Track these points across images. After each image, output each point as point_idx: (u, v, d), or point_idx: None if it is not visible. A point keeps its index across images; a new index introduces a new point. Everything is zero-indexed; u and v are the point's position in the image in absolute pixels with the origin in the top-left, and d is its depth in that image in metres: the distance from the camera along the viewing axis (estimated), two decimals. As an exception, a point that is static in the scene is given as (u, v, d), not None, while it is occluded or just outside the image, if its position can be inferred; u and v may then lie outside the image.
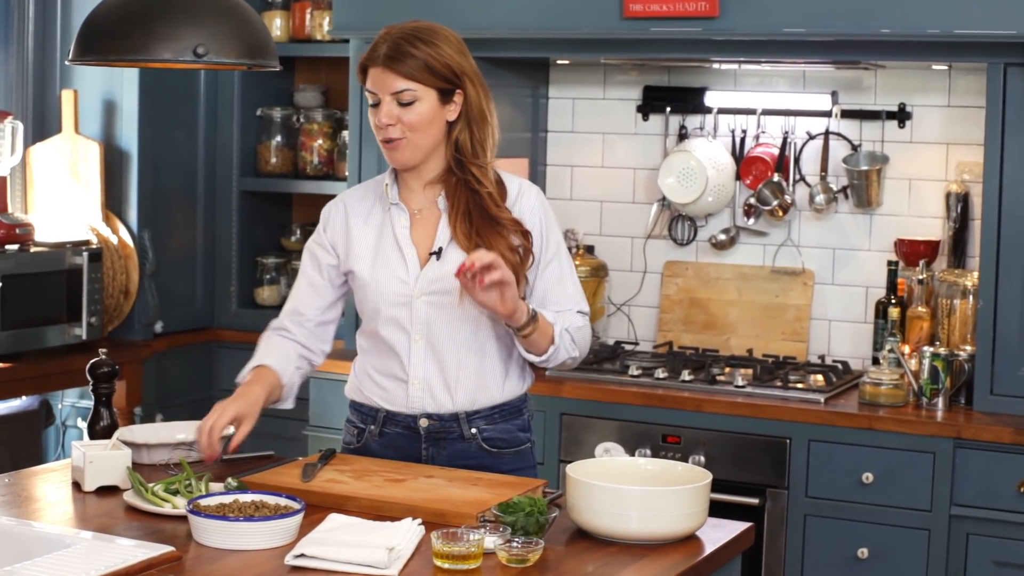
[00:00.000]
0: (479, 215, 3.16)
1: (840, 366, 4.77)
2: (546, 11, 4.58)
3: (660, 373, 4.62)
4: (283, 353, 3.31)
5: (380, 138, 3.16)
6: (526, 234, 3.20)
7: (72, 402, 5.50)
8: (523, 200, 3.24)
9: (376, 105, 3.14)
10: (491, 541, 2.62)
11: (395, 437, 3.26)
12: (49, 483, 3.15)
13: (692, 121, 5.12)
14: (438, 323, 3.19)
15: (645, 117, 5.21)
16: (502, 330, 3.22)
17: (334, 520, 2.77)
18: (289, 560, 2.56)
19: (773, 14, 4.32)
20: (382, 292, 3.20)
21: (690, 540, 2.82)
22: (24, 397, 5.21)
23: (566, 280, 3.26)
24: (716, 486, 2.96)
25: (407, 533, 2.67)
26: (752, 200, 4.99)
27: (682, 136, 5.12)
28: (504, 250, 3.14)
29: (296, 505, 2.75)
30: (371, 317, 3.25)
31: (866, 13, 4.23)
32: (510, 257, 3.14)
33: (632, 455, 4.43)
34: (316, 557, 2.55)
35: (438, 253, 3.18)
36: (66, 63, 3.27)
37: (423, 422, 3.22)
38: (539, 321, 3.13)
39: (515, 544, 2.61)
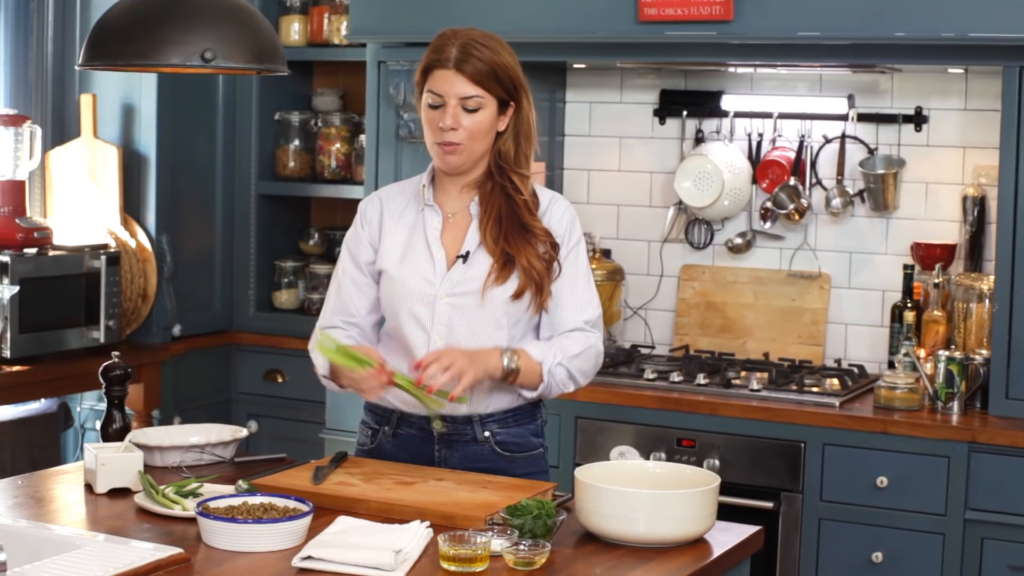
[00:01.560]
0: (510, 221, 3.19)
1: (856, 370, 4.77)
2: (561, 15, 4.59)
3: (675, 377, 4.62)
4: (350, 336, 3.30)
5: (436, 140, 3.17)
6: (555, 246, 3.22)
7: (91, 405, 5.53)
8: (553, 210, 3.26)
9: (436, 107, 3.15)
10: (498, 544, 2.63)
11: (408, 438, 3.27)
12: (62, 485, 3.17)
13: (708, 125, 5.13)
14: (459, 325, 3.19)
15: (662, 121, 5.21)
16: (520, 335, 3.23)
17: (342, 523, 2.78)
18: (296, 562, 2.57)
19: (787, 18, 4.32)
20: (407, 290, 3.22)
21: (698, 543, 2.82)
22: (43, 400, 5.24)
23: (580, 287, 3.25)
24: (731, 490, 2.97)
25: (414, 535, 2.67)
26: (768, 204, 4.98)
27: (698, 140, 5.12)
28: (532, 258, 3.17)
29: (304, 507, 2.76)
30: (393, 315, 3.27)
31: (881, 16, 4.23)
32: (537, 265, 3.17)
33: (647, 459, 4.43)
34: (323, 559, 2.56)
35: (465, 256, 3.20)
36: (75, 68, 3.29)
37: (436, 424, 3.22)
38: (522, 368, 3.15)
39: (522, 547, 2.62)
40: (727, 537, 2.88)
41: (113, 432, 3.33)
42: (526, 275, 3.17)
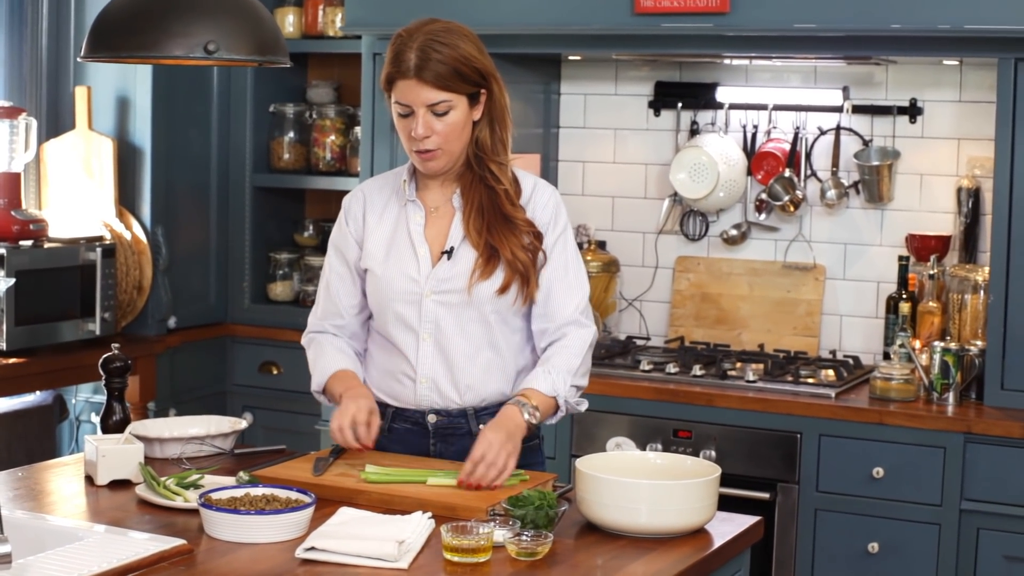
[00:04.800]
0: (492, 212, 3.17)
1: (851, 361, 4.78)
2: (557, 7, 4.59)
3: (671, 368, 4.63)
4: (345, 354, 3.31)
5: (413, 148, 3.13)
6: (538, 235, 3.20)
7: (86, 397, 5.53)
8: (536, 197, 3.24)
9: (406, 116, 3.11)
10: (501, 534, 2.64)
11: (404, 432, 3.26)
12: (62, 477, 3.18)
13: (704, 117, 5.13)
14: (447, 322, 3.19)
15: (657, 113, 5.22)
16: (510, 329, 3.23)
17: (344, 514, 2.78)
18: (300, 553, 2.57)
19: (783, 10, 4.32)
20: (392, 289, 3.21)
21: (699, 534, 2.83)
22: (38, 392, 5.23)
23: (570, 276, 3.24)
24: (727, 481, 2.97)
25: (417, 526, 2.68)
26: (763, 195, 4.99)
27: (693, 132, 5.13)
28: (516, 249, 3.15)
29: (307, 499, 2.76)
30: (380, 313, 3.26)
31: (876, 8, 4.23)
32: (522, 257, 3.15)
33: (643, 450, 4.44)
34: (326, 550, 2.57)
35: (449, 252, 3.19)
36: (78, 60, 3.28)
37: (431, 418, 3.23)
38: (541, 411, 3.14)
39: (524, 537, 2.62)
40: (728, 527, 2.89)
41: (113, 424, 3.34)
42: (511, 267, 3.15)
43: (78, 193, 5.28)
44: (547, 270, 3.21)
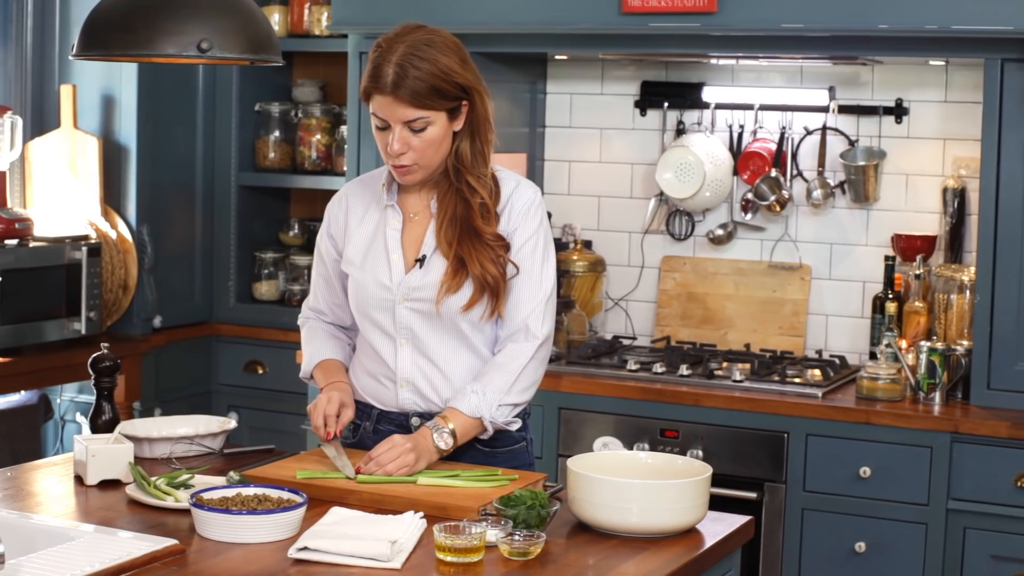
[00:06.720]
0: (464, 225, 3.13)
1: (837, 361, 4.79)
2: (544, 6, 4.59)
3: (658, 367, 4.63)
4: (336, 338, 3.37)
5: (390, 163, 3.11)
6: (508, 248, 3.17)
7: (71, 396, 5.51)
8: (514, 200, 3.20)
9: (383, 129, 3.07)
10: (493, 534, 2.63)
11: (388, 434, 3.22)
12: (51, 477, 3.16)
13: (690, 116, 5.13)
14: (422, 329, 3.17)
15: (643, 112, 5.22)
16: (485, 336, 3.21)
17: (336, 513, 2.78)
18: (292, 553, 2.57)
19: (771, 10, 4.33)
20: (368, 295, 3.20)
21: (690, 533, 2.83)
22: (23, 392, 5.21)
23: (531, 284, 3.18)
24: (714, 480, 2.97)
25: (409, 526, 2.68)
26: (749, 195, 5.00)
27: (680, 131, 5.13)
28: (486, 262, 3.11)
29: (298, 499, 2.76)
30: (359, 318, 3.26)
31: (864, 8, 4.24)
32: (492, 270, 3.11)
33: (630, 449, 4.45)
34: (319, 550, 2.56)
35: (421, 261, 3.17)
36: (69, 58, 3.27)
37: (415, 421, 3.21)
38: (458, 433, 3.10)
39: (517, 537, 2.62)
40: (719, 527, 2.89)
41: (103, 423, 3.32)
42: (479, 282, 3.11)
43: (63, 192, 5.26)
44: (512, 278, 3.18)
